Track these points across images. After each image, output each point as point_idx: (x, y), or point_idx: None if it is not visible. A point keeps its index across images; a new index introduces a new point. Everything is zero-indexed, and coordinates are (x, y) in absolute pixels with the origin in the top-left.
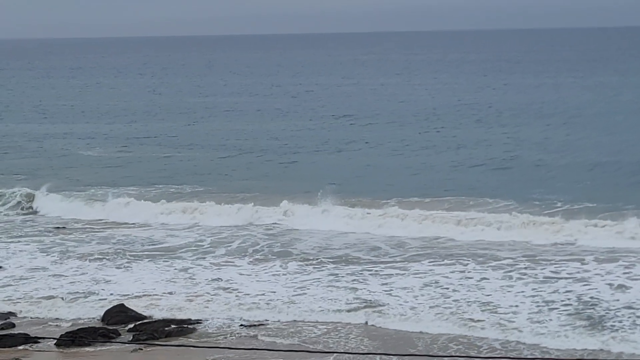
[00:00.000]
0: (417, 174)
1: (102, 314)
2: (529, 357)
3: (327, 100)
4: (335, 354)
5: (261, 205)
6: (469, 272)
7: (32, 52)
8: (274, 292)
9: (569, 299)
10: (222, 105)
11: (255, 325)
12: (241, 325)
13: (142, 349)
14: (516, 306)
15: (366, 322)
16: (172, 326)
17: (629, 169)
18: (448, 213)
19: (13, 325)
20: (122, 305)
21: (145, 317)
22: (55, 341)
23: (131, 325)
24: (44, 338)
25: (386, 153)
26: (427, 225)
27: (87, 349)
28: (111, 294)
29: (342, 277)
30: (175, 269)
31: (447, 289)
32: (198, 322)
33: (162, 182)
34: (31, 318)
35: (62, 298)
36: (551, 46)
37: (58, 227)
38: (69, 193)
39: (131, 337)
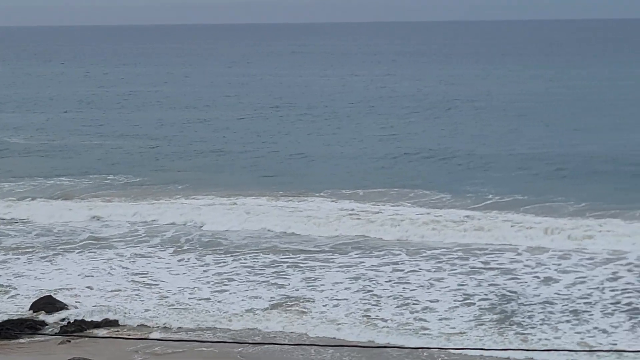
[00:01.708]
0: (351, 166)
1: (29, 305)
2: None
3: (261, 91)
4: (265, 345)
5: (189, 198)
6: (400, 263)
7: None
8: (197, 287)
9: (491, 292)
10: (155, 95)
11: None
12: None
13: (69, 341)
14: (436, 301)
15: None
16: (99, 318)
17: (560, 161)
18: (378, 206)
19: None
20: (50, 297)
21: (72, 308)
22: None
23: (59, 316)
24: None
25: (320, 144)
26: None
27: (14, 341)
28: (37, 287)
29: (262, 272)
30: (100, 261)
31: (372, 282)
32: (123, 314)
33: (96, 173)
34: None
35: None
36: (487, 38)
37: None
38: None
39: (59, 329)
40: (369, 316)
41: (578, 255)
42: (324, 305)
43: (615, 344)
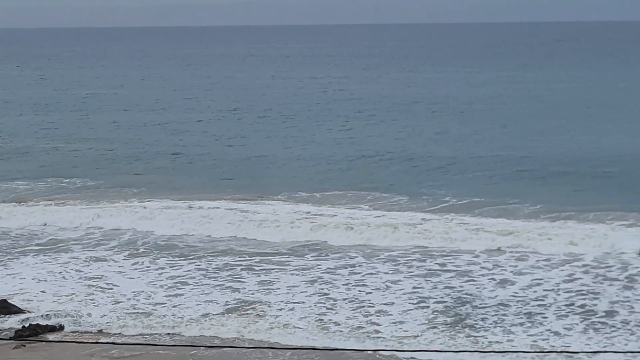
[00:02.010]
0: (309, 168)
1: None
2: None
3: (219, 93)
4: (223, 348)
5: (145, 201)
6: (357, 266)
7: None
8: (152, 291)
9: (447, 295)
10: (112, 98)
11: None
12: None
13: (24, 345)
14: (392, 304)
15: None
16: (54, 322)
17: (517, 163)
18: (335, 209)
19: None
20: (4, 301)
21: (27, 312)
22: None
23: (14, 320)
24: None
25: (278, 147)
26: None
27: None
28: None
29: (217, 276)
30: (55, 265)
31: (328, 285)
32: (79, 317)
33: (52, 176)
34: None
35: None
36: (444, 41)
37: None
38: None
39: (13, 333)
40: (323, 320)
41: (535, 257)
42: (279, 309)
43: (568, 346)
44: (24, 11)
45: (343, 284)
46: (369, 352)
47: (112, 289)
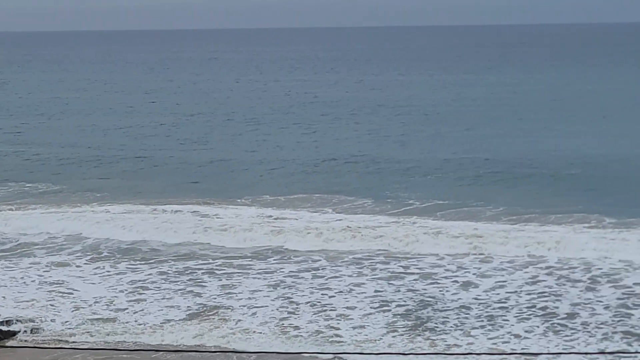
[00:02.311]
0: (273, 172)
1: None
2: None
3: (182, 97)
4: (187, 352)
5: (109, 205)
6: (321, 269)
7: None
8: (114, 296)
9: (409, 298)
10: (74, 102)
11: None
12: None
13: None
14: (353, 307)
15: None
16: (16, 327)
17: (480, 166)
18: (299, 212)
19: None
20: None
21: None
22: None
23: None
24: None
25: (242, 150)
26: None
27: None
28: None
29: (178, 280)
30: (17, 270)
31: (291, 289)
32: (39, 322)
33: (14, 180)
34: None
35: None
36: (403, 44)
37: None
38: None
39: None
40: (284, 325)
41: (499, 259)
42: (242, 314)
43: (528, 349)
44: None
45: (307, 288)
46: (328, 355)
47: (72, 294)
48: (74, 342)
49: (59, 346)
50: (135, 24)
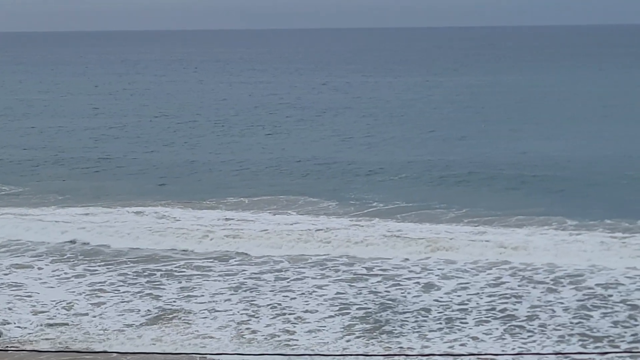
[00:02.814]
0: (236, 174)
1: None
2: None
3: (145, 98)
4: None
5: (70, 207)
6: (284, 271)
7: None
8: (74, 300)
9: (370, 300)
10: (36, 103)
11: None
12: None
13: None
14: (315, 311)
15: None
16: None
17: (443, 168)
18: (262, 214)
19: None
20: None
21: None
22: None
23: None
24: None
25: (205, 152)
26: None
27: None
28: None
29: (136, 282)
30: None
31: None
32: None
33: None
34: None
35: None
36: (375, 45)
37: None
38: None
39: None
40: (241, 328)
41: (462, 261)
42: (202, 317)
43: (483, 351)
44: None
45: (270, 290)
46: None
47: (31, 296)
48: (31, 343)
49: (18, 349)
50: (114, 24)
